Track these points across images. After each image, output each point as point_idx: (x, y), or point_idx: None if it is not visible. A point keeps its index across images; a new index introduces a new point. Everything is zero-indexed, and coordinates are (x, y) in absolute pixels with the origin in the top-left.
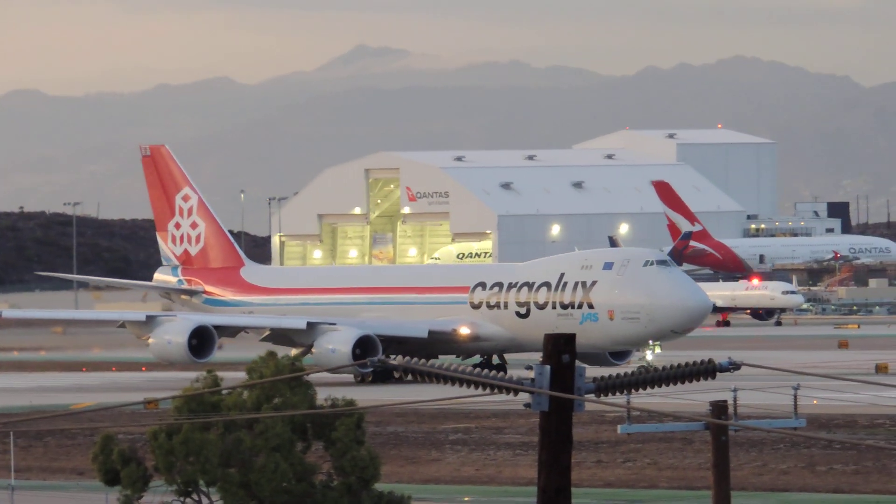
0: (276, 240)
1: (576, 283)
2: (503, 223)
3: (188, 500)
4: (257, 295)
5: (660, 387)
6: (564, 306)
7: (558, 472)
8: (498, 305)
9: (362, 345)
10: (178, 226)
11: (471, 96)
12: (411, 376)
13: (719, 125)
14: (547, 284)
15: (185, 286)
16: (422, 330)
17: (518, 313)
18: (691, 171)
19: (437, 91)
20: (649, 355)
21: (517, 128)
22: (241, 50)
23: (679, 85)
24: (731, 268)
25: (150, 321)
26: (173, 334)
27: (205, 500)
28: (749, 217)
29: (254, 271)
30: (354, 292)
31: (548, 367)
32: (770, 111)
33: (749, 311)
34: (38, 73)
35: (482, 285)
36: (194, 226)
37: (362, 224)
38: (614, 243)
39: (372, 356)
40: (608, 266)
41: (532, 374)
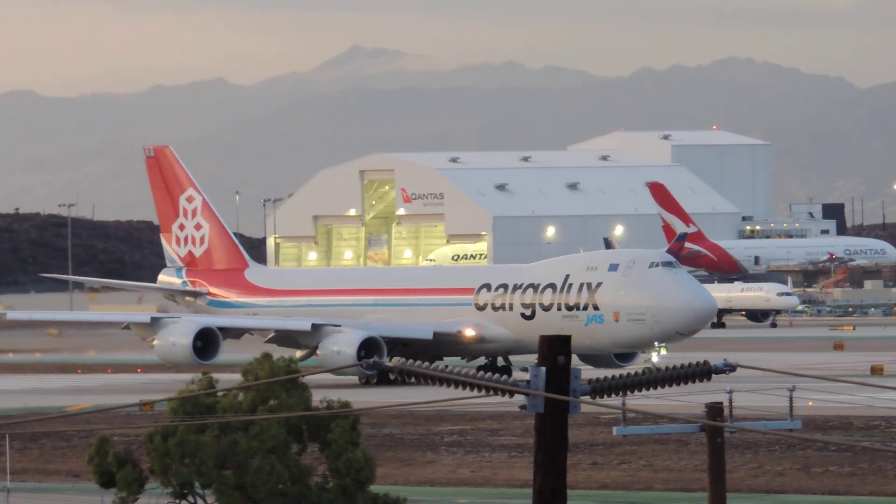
0: (271, 241)
1: (581, 285)
2: (498, 224)
3: (184, 503)
4: (262, 297)
5: (655, 388)
6: (570, 308)
7: (554, 473)
8: (503, 307)
9: (367, 346)
10: (182, 227)
11: (465, 97)
12: (415, 378)
13: (714, 126)
14: (552, 286)
15: (190, 288)
16: (427, 331)
17: (523, 315)
18: (686, 172)
19: (432, 92)
20: (655, 357)
21: (512, 129)
22: (236, 51)
23: (674, 86)
24: (726, 269)
25: (154, 323)
26: (178, 336)
27: (200, 503)
28: (744, 218)
29: (258, 273)
30: (359, 294)
31: (543, 368)
32: (765, 112)
33: (744, 313)
34: (34, 74)
35: (487, 287)
36: (198, 227)
37: (357, 225)
38: (609, 245)
39: (377, 358)
40: (613, 267)
41: (527, 376)
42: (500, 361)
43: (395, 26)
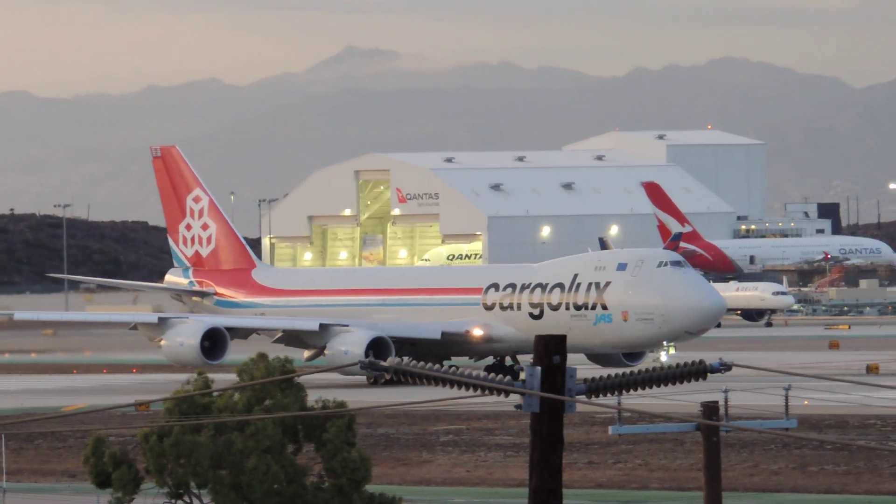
0: (266, 241)
1: (589, 284)
2: (493, 224)
3: (179, 503)
4: (269, 297)
5: (651, 388)
6: (578, 307)
7: (549, 473)
8: (511, 307)
9: (375, 346)
10: (188, 227)
11: (460, 98)
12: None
13: (709, 126)
14: (560, 285)
15: (197, 288)
16: (435, 331)
17: (531, 314)
18: (681, 172)
19: (427, 92)
20: (664, 356)
21: (507, 129)
22: (230, 51)
23: (668, 86)
24: (721, 269)
25: (162, 323)
26: (185, 336)
27: (196, 502)
28: (739, 218)
29: (265, 273)
30: (367, 294)
31: (538, 368)
32: (759, 112)
33: (740, 312)
34: (28, 74)
35: (495, 286)
36: (205, 227)
37: (352, 226)
38: (604, 244)
39: (384, 358)
40: (622, 267)
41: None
42: (509, 361)
43: (389, 27)
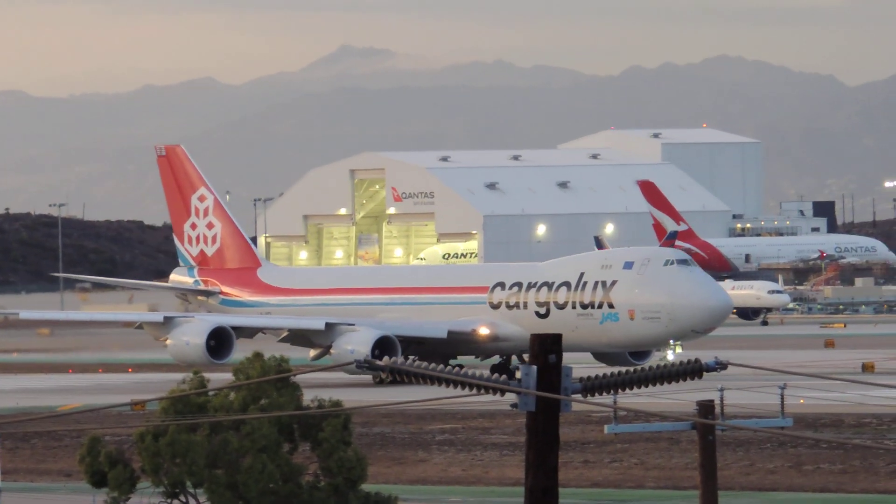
0: (261, 241)
1: (596, 283)
2: (489, 223)
3: (175, 502)
4: (274, 296)
5: (646, 387)
6: (584, 306)
7: (545, 472)
8: (517, 305)
9: (381, 345)
10: (194, 226)
11: (455, 96)
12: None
13: (704, 124)
14: (567, 284)
15: (202, 287)
16: (441, 330)
17: (538, 313)
18: (676, 170)
19: (422, 91)
20: (670, 355)
21: (502, 128)
22: (226, 51)
23: (664, 84)
24: (716, 267)
25: (167, 322)
26: (191, 335)
27: (192, 502)
28: (734, 216)
29: (270, 272)
30: (372, 293)
31: (534, 367)
32: (755, 110)
33: (735, 311)
34: (23, 74)
35: (501, 285)
36: (210, 226)
37: (348, 225)
38: (600, 243)
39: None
40: (628, 265)
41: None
42: (515, 360)
43: (384, 26)
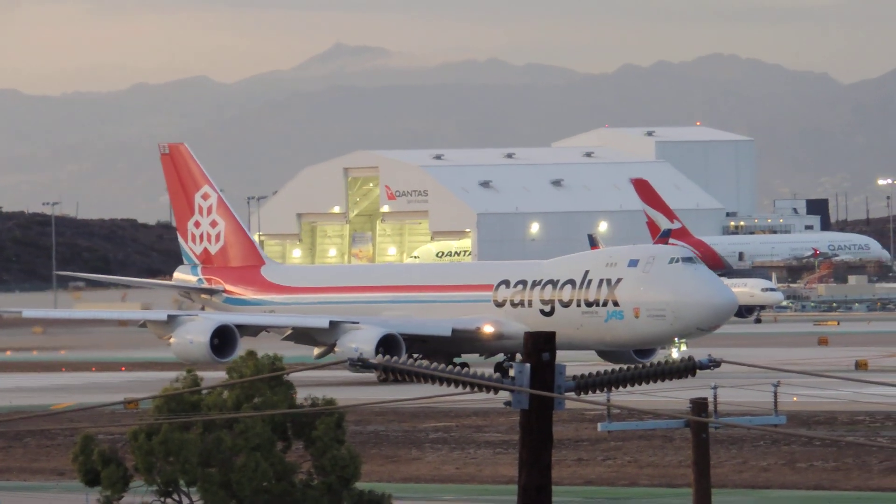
0: (255, 239)
1: (601, 281)
2: (482, 221)
3: (168, 501)
4: (278, 294)
5: (640, 385)
6: (589, 304)
7: (539, 470)
8: (522, 303)
9: (386, 343)
10: (197, 224)
11: (449, 94)
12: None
13: (698, 122)
14: (571, 282)
15: (206, 285)
16: (445, 328)
17: (542, 311)
18: (670, 168)
19: (416, 89)
20: (675, 353)
21: (496, 126)
22: (218, 49)
23: (657, 82)
24: (710, 265)
25: (171, 321)
26: (195, 334)
27: (185, 501)
28: (728, 214)
29: (274, 270)
30: (377, 291)
31: (528, 365)
32: (748, 108)
33: None
34: (15, 72)
35: (506, 283)
36: (214, 224)
37: (342, 223)
38: (594, 241)
39: (395, 355)
40: (633, 263)
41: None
42: (519, 358)
43: (377, 24)
